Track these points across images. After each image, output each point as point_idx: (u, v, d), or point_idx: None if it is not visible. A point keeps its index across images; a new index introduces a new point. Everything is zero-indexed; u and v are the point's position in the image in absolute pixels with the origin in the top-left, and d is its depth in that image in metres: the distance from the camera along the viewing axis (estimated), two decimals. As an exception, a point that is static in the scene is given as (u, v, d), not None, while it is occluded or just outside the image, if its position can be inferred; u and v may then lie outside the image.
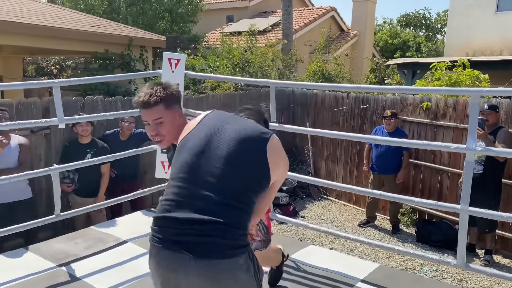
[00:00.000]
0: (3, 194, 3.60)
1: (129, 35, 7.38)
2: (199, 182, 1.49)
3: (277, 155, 1.66)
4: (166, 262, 1.44)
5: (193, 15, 13.89)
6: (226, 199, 1.47)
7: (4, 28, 5.75)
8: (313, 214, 6.35)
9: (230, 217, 1.45)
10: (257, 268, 1.52)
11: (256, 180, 1.58)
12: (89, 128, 4.18)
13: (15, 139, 3.71)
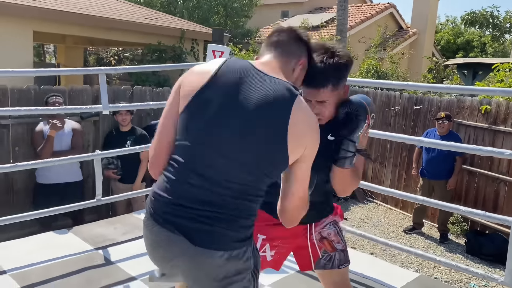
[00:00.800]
0: (56, 174, 3.80)
1: (181, 28, 7.50)
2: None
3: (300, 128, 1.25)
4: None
5: (247, 10, 13.94)
6: (230, 188, 1.27)
7: (67, 19, 6.03)
8: (356, 216, 6.16)
9: (238, 208, 1.27)
10: (256, 264, 1.34)
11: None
12: (128, 117, 4.28)
13: (68, 124, 3.90)
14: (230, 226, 1.25)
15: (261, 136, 1.23)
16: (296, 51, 1.41)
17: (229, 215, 1.24)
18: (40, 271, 2.64)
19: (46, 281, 2.54)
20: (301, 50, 1.42)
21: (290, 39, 1.41)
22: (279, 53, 1.38)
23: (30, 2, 5.84)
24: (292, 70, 1.40)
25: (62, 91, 4.22)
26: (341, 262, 1.81)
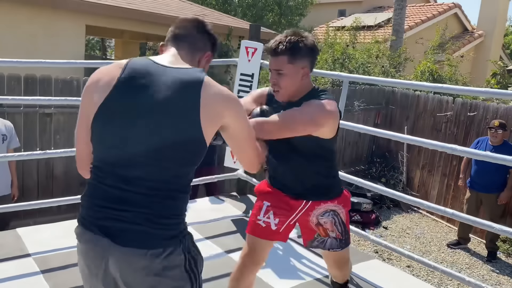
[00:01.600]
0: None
1: (229, 25, 7.52)
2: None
3: (213, 107, 1.26)
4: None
5: (302, 8, 13.75)
6: (145, 187, 1.27)
7: (117, 14, 6.24)
8: (397, 226, 5.85)
9: (158, 206, 1.25)
10: (193, 264, 1.30)
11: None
12: None
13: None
14: (151, 224, 1.23)
15: (173, 128, 1.22)
16: (201, 44, 1.40)
17: (148, 214, 1.23)
18: (61, 257, 2.71)
19: (64, 267, 2.60)
20: (206, 43, 1.42)
21: (195, 32, 1.40)
22: (184, 46, 1.37)
23: (83, -3, 6.11)
24: (198, 62, 1.40)
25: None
26: (332, 246, 2.02)
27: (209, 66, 1.52)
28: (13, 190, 3.60)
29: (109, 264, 1.25)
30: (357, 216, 5.70)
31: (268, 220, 2.00)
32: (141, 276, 1.24)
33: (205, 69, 1.41)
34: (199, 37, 1.39)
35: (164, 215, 1.25)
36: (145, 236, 1.23)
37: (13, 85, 3.87)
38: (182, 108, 1.22)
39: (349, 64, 8.66)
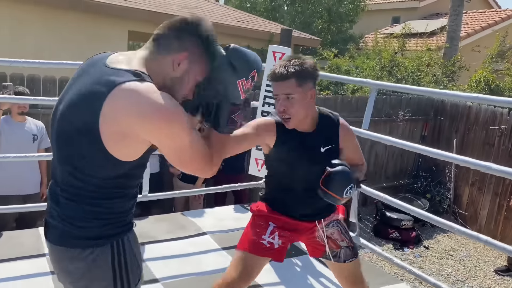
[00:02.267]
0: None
1: (271, 31, 7.44)
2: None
3: (118, 122, 1.10)
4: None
5: (353, 15, 13.42)
6: (64, 192, 1.25)
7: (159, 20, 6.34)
8: (440, 246, 5.44)
9: (74, 210, 1.23)
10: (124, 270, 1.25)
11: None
12: None
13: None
14: (69, 224, 1.22)
15: (73, 133, 1.15)
16: (177, 43, 1.20)
17: (65, 215, 1.23)
18: (73, 258, 2.71)
19: (74, 270, 2.60)
20: (185, 42, 1.20)
21: (173, 30, 1.21)
22: (155, 47, 1.21)
23: (125, 3, 6.26)
24: (172, 65, 1.20)
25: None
26: (347, 257, 1.94)
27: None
28: (43, 189, 3.69)
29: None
30: (395, 233, 5.37)
31: (272, 240, 1.95)
32: (64, 271, 1.27)
33: (190, 72, 1.22)
34: (175, 35, 1.20)
35: (77, 218, 1.23)
36: (64, 234, 1.24)
37: (49, 87, 3.98)
38: (80, 116, 1.13)
39: (397, 72, 8.28)
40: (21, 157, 3.00)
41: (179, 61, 1.20)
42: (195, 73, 1.24)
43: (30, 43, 5.70)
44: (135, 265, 1.29)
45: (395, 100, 6.59)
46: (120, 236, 1.25)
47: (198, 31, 1.21)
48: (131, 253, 1.27)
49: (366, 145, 6.35)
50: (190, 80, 1.24)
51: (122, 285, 1.26)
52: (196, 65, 1.23)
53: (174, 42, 1.20)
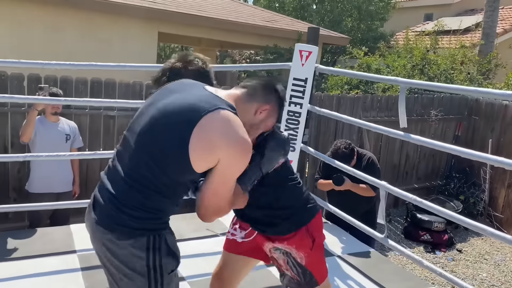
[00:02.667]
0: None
1: (299, 30, 7.39)
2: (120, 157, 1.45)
3: (209, 138, 1.30)
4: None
5: (383, 13, 13.16)
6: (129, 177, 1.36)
7: (186, 21, 6.43)
8: (474, 250, 5.25)
9: (128, 196, 1.35)
10: (158, 261, 1.36)
11: (170, 164, 1.34)
12: None
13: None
14: (117, 209, 1.34)
15: (164, 131, 1.32)
16: (263, 96, 1.48)
17: (118, 199, 1.35)
18: (102, 255, 2.77)
19: (103, 267, 2.65)
20: (271, 98, 1.49)
21: (261, 84, 1.49)
22: (245, 93, 1.48)
23: (155, 5, 6.36)
24: (255, 112, 1.47)
25: (164, 88, 4.45)
26: (290, 285, 1.78)
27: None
28: (75, 187, 3.80)
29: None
30: (427, 235, 5.23)
31: (235, 232, 1.90)
32: (105, 255, 1.39)
33: (264, 120, 1.50)
34: (263, 89, 1.51)
35: (128, 206, 1.34)
36: (112, 219, 1.35)
37: (81, 88, 4.09)
38: (178, 122, 1.33)
39: (429, 70, 8.06)
40: (54, 156, 3.09)
41: (261, 110, 1.48)
42: (266, 125, 1.52)
43: (63, 45, 5.88)
44: (169, 260, 1.40)
45: (426, 99, 6.42)
46: (159, 232, 1.38)
47: (280, 94, 1.53)
48: (166, 248, 1.39)
49: (396, 145, 6.21)
50: (260, 129, 1.51)
51: (155, 275, 1.36)
52: (270, 119, 1.52)
53: (261, 94, 1.49)
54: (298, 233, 1.72)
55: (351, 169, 3.04)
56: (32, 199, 3.48)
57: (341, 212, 3.10)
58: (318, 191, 5.25)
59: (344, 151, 3.42)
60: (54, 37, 5.89)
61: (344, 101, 5.60)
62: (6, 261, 2.59)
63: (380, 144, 6.04)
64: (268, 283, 2.57)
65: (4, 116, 3.87)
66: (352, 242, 3.19)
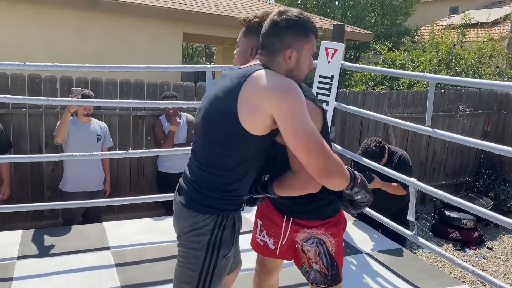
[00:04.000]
0: (174, 165, 4.07)
1: (322, 26, 7.35)
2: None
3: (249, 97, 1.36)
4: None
5: (407, 7, 12.94)
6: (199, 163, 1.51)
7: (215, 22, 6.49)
8: (506, 247, 5.14)
9: (203, 178, 1.49)
10: (219, 240, 1.46)
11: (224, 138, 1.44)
12: None
13: (184, 117, 4.13)
14: (193, 189, 1.49)
15: (215, 114, 1.43)
16: (280, 45, 1.44)
17: (194, 181, 1.51)
18: (135, 252, 2.85)
19: (136, 263, 2.72)
20: (285, 41, 1.44)
21: (271, 34, 1.45)
22: (266, 54, 1.47)
23: (180, 6, 6.44)
24: (285, 60, 1.45)
25: (191, 88, 4.52)
26: (316, 281, 1.76)
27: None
28: (106, 186, 3.90)
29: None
30: (456, 233, 5.14)
31: (264, 239, 1.87)
32: (180, 226, 1.53)
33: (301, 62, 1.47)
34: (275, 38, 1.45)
35: (202, 186, 1.48)
36: (190, 198, 1.50)
37: (110, 89, 4.19)
38: (224, 97, 1.41)
39: (456, 65, 7.90)
40: (86, 156, 3.19)
41: (287, 57, 1.45)
42: (305, 55, 1.48)
43: (92, 47, 6.02)
44: (230, 240, 1.50)
45: (454, 94, 6.30)
46: (229, 212, 1.49)
47: (288, 25, 1.43)
48: (230, 229, 1.49)
49: (423, 141, 6.13)
50: (303, 61, 1.48)
51: (212, 252, 1.47)
52: (303, 54, 1.48)
53: (277, 44, 1.45)
54: (334, 219, 1.74)
55: (381, 167, 3.02)
56: (65, 197, 3.59)
57: (371, 210, 3.09)
58: (344, 189, 5.24)
59: (374, 149, 3.39)
60: (82, 39, 6.04)
61: (369, 97, 5.56)
62: (43, 257, 2.69)
63: (406, 141, 5.97)
64: (299, 280, 2.58)
65: (39, 118, 4.01)
66: (381, 239, 3.18)
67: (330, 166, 1.36)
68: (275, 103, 1.33)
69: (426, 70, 7.94)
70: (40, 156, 3.83)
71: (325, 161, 1.35)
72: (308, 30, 1.46)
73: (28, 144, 3.99)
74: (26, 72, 3.86)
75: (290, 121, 1.33)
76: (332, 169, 1.36)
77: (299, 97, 1.36)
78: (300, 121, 1.33)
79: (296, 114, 1.33)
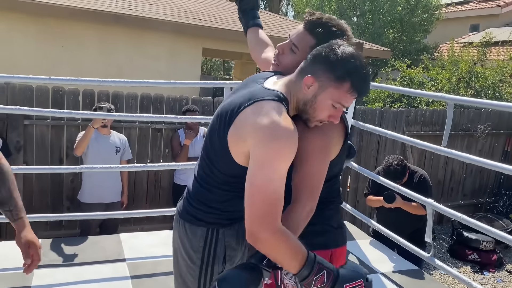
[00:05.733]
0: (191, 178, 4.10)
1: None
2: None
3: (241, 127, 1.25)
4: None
5: (426, 24, 12.90)
6: (197, 175, 1.48)
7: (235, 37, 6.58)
8: (526, 271, 5.01)
9: (196, 191, 1.46)
10: (212, 256, 1.43)
11: (217, 160, 1.38)
12: None
13: (201, 131, 4.19)
14: (187, 201, 1.48)
15: (213, 133, 1.36)
16: (309, 67, 1.30)
17: (189, 194, 1.49)
18: (150, 264, 2.87)
19: (151, 275, 2.74)
20: (315, 67, 1.28)
21: (313, 50, 1.31)
22: (297, 72, 1.34)
23: (201, 22, 6.56)
24: (303, 86, 1.29)
25: (209, 102, 4.58)
26: None
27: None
28: (123, 198, 3.96)
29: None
30: (474, 255, 5.03)
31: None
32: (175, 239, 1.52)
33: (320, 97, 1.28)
34: (309, 59, 1.32)
35: (194, 199, 1.45)
36: (185, 210, 1.48)
37: (131, 103, 4.28)
38: (225, 117, 1.31)
39: (476, 83, 7.82)
40: (106, 168, 3.25)
41: (308, 83, 1.28)
42: (325, 97, 1.28)
43: (114, 61, 6.16)
44: (220, 259, 1.44)
45: (473, 113, 6.23)
46: (217, 227, 1.43)
47: (327, 57, 1.27)
48: (222, 245, 1.44)
49: (441, 160, 6.05)
50: (321, 104, 1.29)
51: (206, 269, 1.44)
52: (326, 89, 1.27)
53: (307, 66, 1.31)
54: (322, 254, 1.37)
55: (398, 187, 3.00)
56: (83, 208, 3.66)
57: (386, 229, 3.06)
58: (360, 207, 5.19)
59: (397, 168, 3.36)
60: (105, 53, 6.19)
61: (387, 115, 5.54)
62: (61, 267, 2.73)
63: (424, 159, 5.91)
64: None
65: (60, 129, 4.11)
66: (398, 259, 3.14)
67: (264, 231, 1.17)
68: (256, 142, 1.21)
69: (445, 88, 7.88)
70: (61, 167, 3.91)
71: (258, 219, 1.18)
72: (347, 76, 1.24)
73: (49, 154, 4.09)
74: (50, 85, 3.97)
75: (256, 167, 1.21)
76: (260, 232, 1.17)
77: (282, 149, 1.20)
78: (264, 173, 1.19)
79: (265, 164, 1.19)
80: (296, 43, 1.43)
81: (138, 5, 6.60)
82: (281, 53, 1.47)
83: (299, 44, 1.42)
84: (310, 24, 1.43)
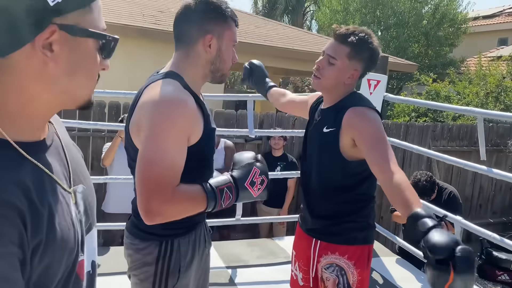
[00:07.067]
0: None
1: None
2: None
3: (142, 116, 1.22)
4: None
5: (453, 38, 12.71)
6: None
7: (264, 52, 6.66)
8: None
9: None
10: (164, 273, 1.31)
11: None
12: (281, 142, 4.35)
13: (222, 143, 4.20)
14: (134, 216, 1.38)
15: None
16: (196, 32, 1.28)
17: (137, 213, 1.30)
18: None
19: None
20: (203, 27, 1.27)
21: (181, 17, 1.30)
22: (180, 45, 1.33)
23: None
24: (203, 52, 1.29)
25: (232, 115, 4.60)
26: None
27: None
28: None
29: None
30: (504, 275, 4.84)
31: (296, 272, 1.80)
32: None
33: (222, 53, 1.30)
34: (190, 26, 1.29)
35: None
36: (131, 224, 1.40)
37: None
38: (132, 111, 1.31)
39: (506, 98, 7.63)
40: (129, 179, 3.27)
41: (208, 43, 1.28)
42: (226, 43, 1.31)
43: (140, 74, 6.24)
44: (175, 273, 1.33)
45: (502, 129, 6.06)
46: (171, 238, 1.33)
47: (204, 8, 1.28)
48: (177, 256, 1.33)
49: (469, 176, 5.88)
50: (226, 51, 1.32)
51: (160, 283, 1.32)
52: (223, 35, 1.30)
53: (193, 31, 1.29)
54: (362, 248, 1.64)
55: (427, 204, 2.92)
56: (107, 218, 3.69)
57: (412, 247, 2.97)
58: (384, 223, 5.08)
59: (425, 184, 3.28)
60: (131, 66, 6.32)
61: (412, 129, 5.44)
62: (84, 277, 2.75)
63: (451, 175, 5.75)
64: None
65: (86, 140, 4.19)
66: (425, 279, 3.04)
67: (149, 200, 1.16)
68: (147, 112, 1.20)
69: (472, 102, 7.71)
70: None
71: (148, 193, 1.16)
72: (227, 15, 1.29)
73: (75, 165, 4.16)
74: (77, 97, 4.05)
75: (154, 134, 1.17)
76: (151, 205, 1.16)
77: (168, 116, 1.17)
78: (151, 146, 1.16)
79: (162, 133, 1.16)
80: (333, 55, 1.58)
81: (164, 19, 6.74)
82: (322, 68, 1.60)
83: (336, 55, 1.58)
84: (341, 36, 1.58)
